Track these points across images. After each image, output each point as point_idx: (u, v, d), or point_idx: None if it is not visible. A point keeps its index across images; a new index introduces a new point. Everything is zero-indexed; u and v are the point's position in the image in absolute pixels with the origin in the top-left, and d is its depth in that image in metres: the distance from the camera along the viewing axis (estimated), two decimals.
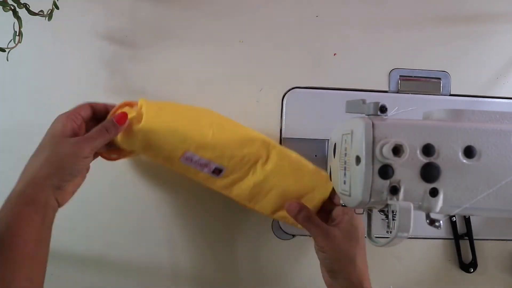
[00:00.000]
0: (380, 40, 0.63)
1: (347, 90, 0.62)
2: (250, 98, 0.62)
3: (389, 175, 0.35)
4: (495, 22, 0.64)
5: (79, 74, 0.61)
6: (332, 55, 0.63)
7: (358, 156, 0.36)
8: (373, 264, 0.51)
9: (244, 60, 0.62)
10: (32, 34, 0.55)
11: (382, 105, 0.38)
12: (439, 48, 0.64)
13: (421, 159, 0.36)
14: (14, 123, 0.60)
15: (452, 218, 0.61)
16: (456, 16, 0.64)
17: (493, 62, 0.64)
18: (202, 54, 0.62)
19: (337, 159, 0.44)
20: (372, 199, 0.36)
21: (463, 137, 0.36)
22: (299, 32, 0.63)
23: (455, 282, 0.62)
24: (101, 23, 0.61)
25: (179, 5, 0.62)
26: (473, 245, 0.61)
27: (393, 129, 0.36)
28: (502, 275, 0.62)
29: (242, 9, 0.63)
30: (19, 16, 0.51)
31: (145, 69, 0.61)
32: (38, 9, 0.53)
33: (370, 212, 0.43)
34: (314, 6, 0.63)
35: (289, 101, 0.62)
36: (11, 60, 0.51)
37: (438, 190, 0.36)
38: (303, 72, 0.63)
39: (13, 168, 0.45)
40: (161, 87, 0.61)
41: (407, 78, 0.63)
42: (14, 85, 0.61)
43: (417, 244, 0.62)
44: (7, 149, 0.60)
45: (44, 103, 0.60)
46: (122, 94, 0.61)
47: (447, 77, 0.63)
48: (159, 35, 0.62)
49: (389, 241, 0.35)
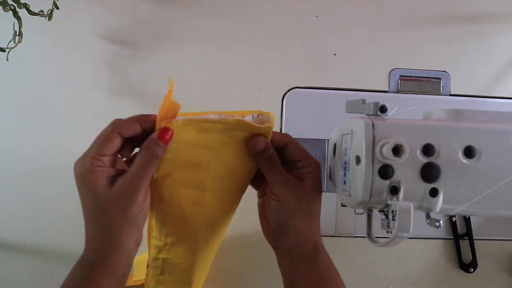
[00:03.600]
0: (380, 40, 0.63)
1: (347, 90, 0.62)
2: (250, 98, 0.62)
3: (389, 175, 0.35)
4: (495, 22, 0.64)
5: (79, 74, 0.61)
6: (332, 55, 0.63)
7: (358, 156, 0.36)
8: (373, 264, 0.51)
9: (244, 60, 0.62)
10: (32, 34, 0.55)
11: (382, 105, 0.38)
12: (439, 48, 0.64)
13: (421, 159, 0.36)
14: (14, 123, 0.60)
15: (452, 218, 0.61)
16: (456, 16, 0.64)
17: (493, 62, 0.64)
18: (202, 54, 0.62)
19: (337, 159, 0.43)
20: (372, 199, 0.36)
21: (463, 137, 0.36)
22: (299, 32, 0.63)
23: (455, 282, 0.62)
24: (101, 23, 0.61)
25: (179, 5, 0.62)
26: (473, 245, 0.61)
27: (393, 129, 0.36)
28: (502, 275, 0.62)
29: (242, 9, 0.63)
30: (19, 16, 0.51)
31: (145, 69, 0.61)
32: (38, 9, 0.53)
33: (370, 212, 0.43)
34: (314, 6, 0.63)
35: (289, 101, 0.62)
36: (11, 60, 0.51)
37: (438, 190, 0.36)
38: (303, 72, 0.63)
39: (12, 165, 0.45)
40: (161, 87, 0.61)
41: (407, 78, 0.63)
42: (14, 85, 0.61)
43: (417, 244, 0.62)
44: (7, 149, 0.60)
45: (44, 103, 0.60)
46: (122, 94, 0.61)
47: (447, 77, 0.63)
48: (159, 35, 0.62)
49: (389, 241, 0.35)
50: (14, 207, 0.59)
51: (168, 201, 0.41)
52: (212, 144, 0.40)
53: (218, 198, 0.44)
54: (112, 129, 0.36)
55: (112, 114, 0.37)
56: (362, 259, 0.61)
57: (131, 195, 0.36)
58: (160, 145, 0.36)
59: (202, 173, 0.41)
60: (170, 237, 0.44)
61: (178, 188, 0.41)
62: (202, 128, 0.39)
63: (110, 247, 0.37)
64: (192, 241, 0.46)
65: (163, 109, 0.38)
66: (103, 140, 0.36)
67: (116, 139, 0.36)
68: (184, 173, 0.40)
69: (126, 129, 0.36)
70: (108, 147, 0.36)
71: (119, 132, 0.36)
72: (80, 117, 0.60)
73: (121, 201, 0.36)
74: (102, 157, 0.35)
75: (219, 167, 0.41)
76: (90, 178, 0.35)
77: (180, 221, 0.43)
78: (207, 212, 0.44)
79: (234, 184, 0.44)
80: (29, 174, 0.59)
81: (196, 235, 0.45)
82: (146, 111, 0.61)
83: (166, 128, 0.37)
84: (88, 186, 0.35)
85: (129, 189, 0.36)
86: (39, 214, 0.59)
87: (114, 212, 0.36)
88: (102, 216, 0.36)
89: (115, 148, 0.36)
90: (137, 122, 0.37)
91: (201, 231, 0.45)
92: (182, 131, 0.38)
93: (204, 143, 0.39)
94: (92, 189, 0.35)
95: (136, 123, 0.37)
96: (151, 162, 0.36)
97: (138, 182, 0.36)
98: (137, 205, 0.36)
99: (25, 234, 0.58)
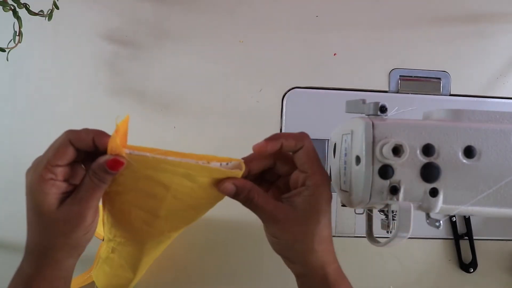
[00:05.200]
0: (380, 40, 0.63)
1: (347, 90, 0.62)
2: (250, 98, 0.62)
3: (389, 175, 0.35)
4: (495, 22, 0.64)
5: (79, 74, 0.61)
6: (332, 55, 0.63)
7: (358, 156, 0.36)
8: (373, 264, 0.51)
9: (244, 60, 0.62)
10: (32, 34, 0.55)
11: (382, 105, 0.38)
12: (439, 48, 0.64)
13: (421, 159, 0.36)
14: (14, 123, 0.60)
15: (452, 218, 0.61)
16: (456, 16, 0.64)
17: (493, 62, 0.64)
18: (202, 54, 0.62)
19: (337, 159, 0.43)
20: (372, 199, 0.36)
21: (463, 137, 0.36)
22: (299, 32, 0.63)
23: (455, 282, 0.62)
24: (101, 23, 0.61)
25: (179, 5, 0.62)
26: (473, 245, 0.61)
27: (393, 129, 0.36)
28: (502, 275, 0.62)
29: (242, 9, 0.63)
30: (19, 16, 0.51)
31: (145, 69, 0.61)
32: (38, 9, 0.53)
33: (370, 212, 0.43)
34: (314, 6, 0.63)
35: (289, 101, 0.62)
36: (11, 60, 0.51)
37: (438, 190, 0.36)
38: (303, 72, 0.63)
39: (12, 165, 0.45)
40: (161, 87, 0.61)
41: (407, 78, 0.63)
42: (14, 85, 0.60)
43: (417, 244, 0.62)
44: (7, 149, 0.60)
45: (44, 103, 0.60)
46: (122, 94, 0.61)
47: (447, 77, 0.63)
48: (159, 35, 0.62)
49: (389, 241, 0.35)
50: (14, 207, 0.59)
51: (118, 211, 0.40)
52: (170, 184, 0.36)
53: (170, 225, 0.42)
54: (65, 137, 0.33)
55: (112, 114, 0.37)
56: (362, 259, 0.61)
57: (77, 220, 0.34)
58: (109, 172, 0.33)
59: (157, 203, 0.38)
60: (119, 237, 0.44)
61: (130, 207, 0.39)
62: (160, 168, 0.35)
63: (47, 263, 0.35)
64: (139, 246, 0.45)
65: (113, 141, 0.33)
66: (55, 149, 0.33)
67: (69, 149, 0.33)
68: (137, 197, 0.38)
69: (79, 140, 0.33)
70: (61, 156, 0.33)
71: (71, 141, 0.33)
72: (80, 117, 0.60)
73: (66, 225, 0.34)
74: (55, 168, 0.33)
75: (175, 203, 0.38)
76: (38, 193, 0.33)
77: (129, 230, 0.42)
78: (157, 233, 0.43)
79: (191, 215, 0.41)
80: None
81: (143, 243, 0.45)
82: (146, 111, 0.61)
83: (116, 159, 0.33)
84: (34, 201, 0.33)
85: (77, 213, 0.34)
86: None
87: (56, 234, 0.34)
88: (43, 235, 0.34)
89: (68, 159, 0.33)
90: (91, 136, 0.33)
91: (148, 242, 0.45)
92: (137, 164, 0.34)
93: (161, 181, 0.36)
94: (38, 205, 0.33)
95: (90, 137, 0.33)
96: (99, 187, 0.34)
97: (87, 206, 0.34)
98: (83, 229, 0.35)
99: (25, 234, 0.58)
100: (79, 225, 0.34)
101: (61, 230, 0.34)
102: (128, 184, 0.36)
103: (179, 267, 0.61)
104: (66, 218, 0.33)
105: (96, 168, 0.33)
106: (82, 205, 0.34)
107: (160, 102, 0.61)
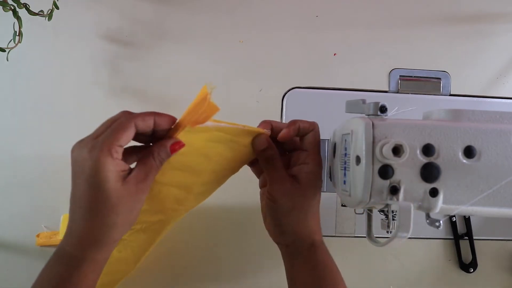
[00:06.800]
0: (380, 40, 0.63)
1: (347, 90, 0.62)
2: (250, 98, 0.62)
3: (389, 175, 0.35)
4: (495, 22, 0.64)
5: (79, 74, 0.61)
6: (332, 55, 0.63)
7: (358, 156, 0.36)
8: (373, 264, 0.51)
9: (244, 60, 0.62)
10: (32, 34, 0.55)
11: (382, 105, 0.38)
12: (439, 48, 0.64)
13: (421, 159, 0.36)
14: (14, 123, 0.60)
15: (452, 218, 0.61)
16: (456, 16, 0.64)
17: (493, 62, 0.64)
18: (202, 54, 0.62)
19: (337, 159, 0.43)
20: (372, 199, 0.36)
21: (463, 137, 0.36)
22: (299, 32, 0.63)
23: (455, 282, 0.62)
24: (101, 23, 0.61)
25: (179, 5, 0.62)
26: (473, 245, 0.61)
27: (393, 129, 0.36)
28: (502, 275, 0.62)
29: (242, 9, 0.63)
30: (19, 16, 0.51)
31: (145, 69, 0.61)
32: (38, 9, 0.53)
33: (370, 212, 0.43)
34: (314, 6, 0.63)
35: (289, 101, 0.62)
36: (11, 60, 0.51)
37: (438, 190, 0.36)
38: (303, 72, 0.63)
39: (13, 169, 0.45)
40: (161, 87, 0.61)
41: (407, 78, 0.63)
42: (14, 85, 0.61)
43: (417, 244, 0.62)
44: (7, 149, 0.60)
45: (44, 103, 0.60)
46: (122, 94, 0.61)
47: (447, 77, 0.63)
48: (159, 35, 0.62)
49: (389, 241, 0.35)
50: (14, 207, 0.59)
51: (153, 194, 0.41)
52: (212, 155, 0.40)
53: (197, 201, 0.46)
54: (129, 118, 0.34)
55: (111, 114, 0.37)
56: (362, 259, 0.61)
57: (140, 196, 0.35)
58: (169, 154, 0.36)
59: (194, 178, 0.42)
60: (139, 224, 0.46)
61: (168, 186, 0.41)
62: (212, 137, 0.38)
63: (102, 244, 0.35)
64: (156, 233, 0.47)
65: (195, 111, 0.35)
66: (120, 128, 0.33)
67: (132, 130, 0.34)
68: (178, 175, 0.40)
69: (142, 122, 0.34)
70: (125, 137, 0.33)
71: (135, 123, 0.34)
72: (80, 117, 0.60)
73: (130, 201, 0.34)
74: (119, 148, 0.33)
75: (209, 176, 0.43)
76: (107, 171, 0.32)
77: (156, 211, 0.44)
78: (183, 211, 0.46)
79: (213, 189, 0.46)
80: (28, 174, 0.59)
81: (162, 229, 0.47)
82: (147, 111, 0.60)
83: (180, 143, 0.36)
84: (97, 177, 0.32)
85: (140, 189, 0.35)
86: (39, 214, 0.59)
87: (121, 210, 0.34)
88: (105, 212, 0.33)
89: (129, 140, 0.34)
90: (152, 118, 0.35)
91: (166, 228, 0.48)
92: (194, 138, 0.37)
93: (206, 152, 0.40)
94: (102, 182, 0.32)
95: (151, 119, 0.35)
96: (158, 168, 0.36)
97: (147, 184, 0.35)
98: (140, 207, 0.36)
99: (25, 234, 0.58)
100: (141, 203, 0.36)
101: (127, 206, 0.34)
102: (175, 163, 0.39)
103: (179, 267, 0.61)
104: (132, 194, 0.34)
105: (160, 150, 0.36)
106: (146, 182, 0.35)
107: (160, 102, 0.61)
